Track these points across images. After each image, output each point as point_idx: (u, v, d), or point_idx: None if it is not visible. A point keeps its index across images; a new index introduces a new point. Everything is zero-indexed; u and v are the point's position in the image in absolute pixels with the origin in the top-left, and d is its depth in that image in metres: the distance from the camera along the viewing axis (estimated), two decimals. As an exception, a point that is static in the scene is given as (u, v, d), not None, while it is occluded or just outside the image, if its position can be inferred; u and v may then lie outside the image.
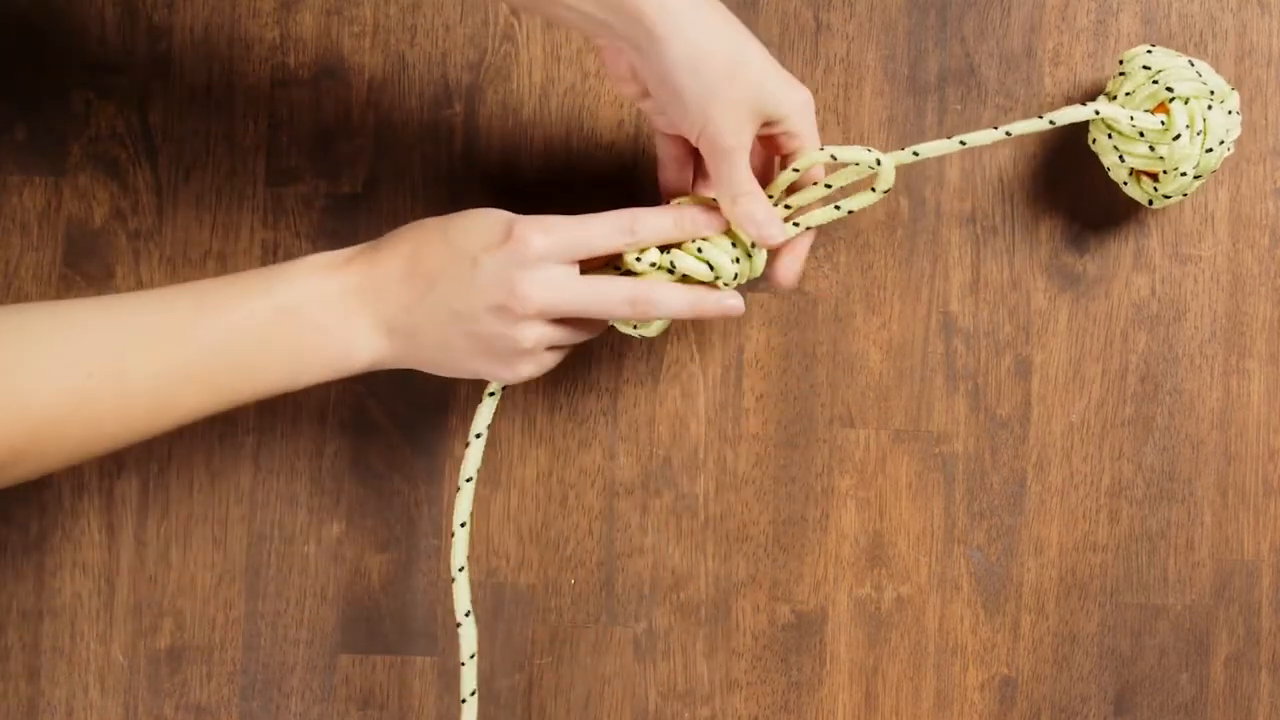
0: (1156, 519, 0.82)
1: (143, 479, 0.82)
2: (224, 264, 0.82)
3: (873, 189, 0.73)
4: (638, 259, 0.71)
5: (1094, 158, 0.81)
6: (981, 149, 0.82)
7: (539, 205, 0.82)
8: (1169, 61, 0.77)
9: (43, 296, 0.81)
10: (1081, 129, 0.81)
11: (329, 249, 0.81)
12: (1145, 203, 0.79)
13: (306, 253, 0.82)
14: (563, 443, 0.82)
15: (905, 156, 0.73)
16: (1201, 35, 0.82)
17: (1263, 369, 0.82)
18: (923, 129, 0.82)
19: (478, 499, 0.82)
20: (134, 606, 0.81)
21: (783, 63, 0.75)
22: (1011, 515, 0.82)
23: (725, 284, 0.72)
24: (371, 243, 0.71)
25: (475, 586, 0.82)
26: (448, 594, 0.81)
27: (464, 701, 0.75)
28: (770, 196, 0.72)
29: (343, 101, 0.82)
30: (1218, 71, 0.82)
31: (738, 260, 0.72)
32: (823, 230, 0.82)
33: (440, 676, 0.82)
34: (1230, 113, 0.77)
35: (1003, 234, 0.82)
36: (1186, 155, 0.76)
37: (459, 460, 0.82)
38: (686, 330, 0.82)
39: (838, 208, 0.74)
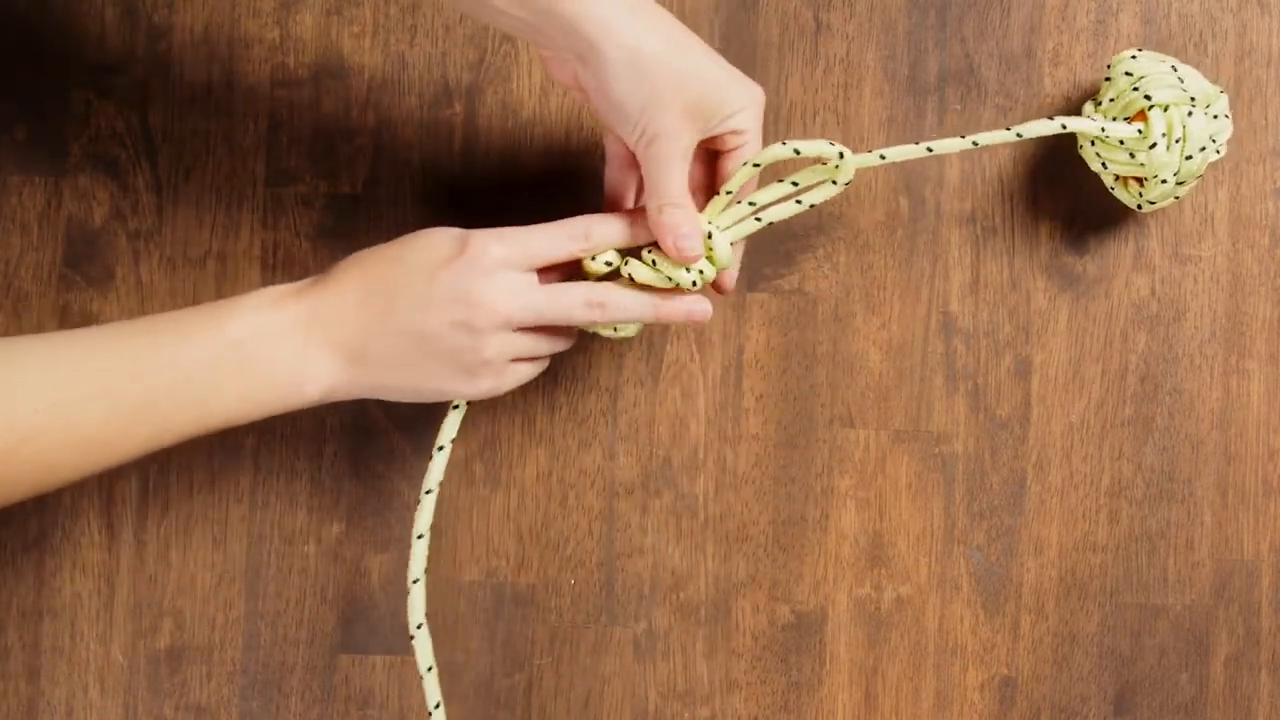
0: (1156, 519, 0.82)
1: (143, 479, 0.82)
2: (224, 264, 0.82)
3: (833, 182, 0.72)
4: (593, 260, 0.71)
5: (1094, 158, 0.81)
6: (982, 149, 0.82)
7: (538, 205, 0.82)
8: (1152, 67, 0.76)
9: (43, 297, 0.81)
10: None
11: (329, 249, 0.82)
12: (1134, 207, 0.79)
13: (306, 253, 0.82)
14: (563, 443, 0.82)
15: (872, 159, 0.73)
16: (1201, 35, 0.82)
17: (1263, 369, 0.82)
18: (923, 129, 0.82)
19: (477, 499, 0.82)
20: (134, 606, 0.81)
21: (782, 63, 0.75)
22: (1011, 515, 0.82)
23: (686, 289, 0.72)
24: (319, 275, 0.70)
25: (475, 586, 0.82)
26: (448, 594, 0.82)
27: (430, 715, 0.74)
28: (729, 192, 0.71)
29: (343, 101, 0.82)
30: (1218, 72, 0.82)
31: (688, 269, 0.71)
32: (823, 230, 0.82)
33: (440, 676, 0.82)
34: (1216, 117, 0.76)
35: (1003, 234, 0.82)
36: (1165, 163, 0.76)
37: (459, 460, 0.82)
38: (686, 330, 0.82)
39: (799, 202, 0.73)
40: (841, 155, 0.71)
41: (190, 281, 0.82)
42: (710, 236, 0.71)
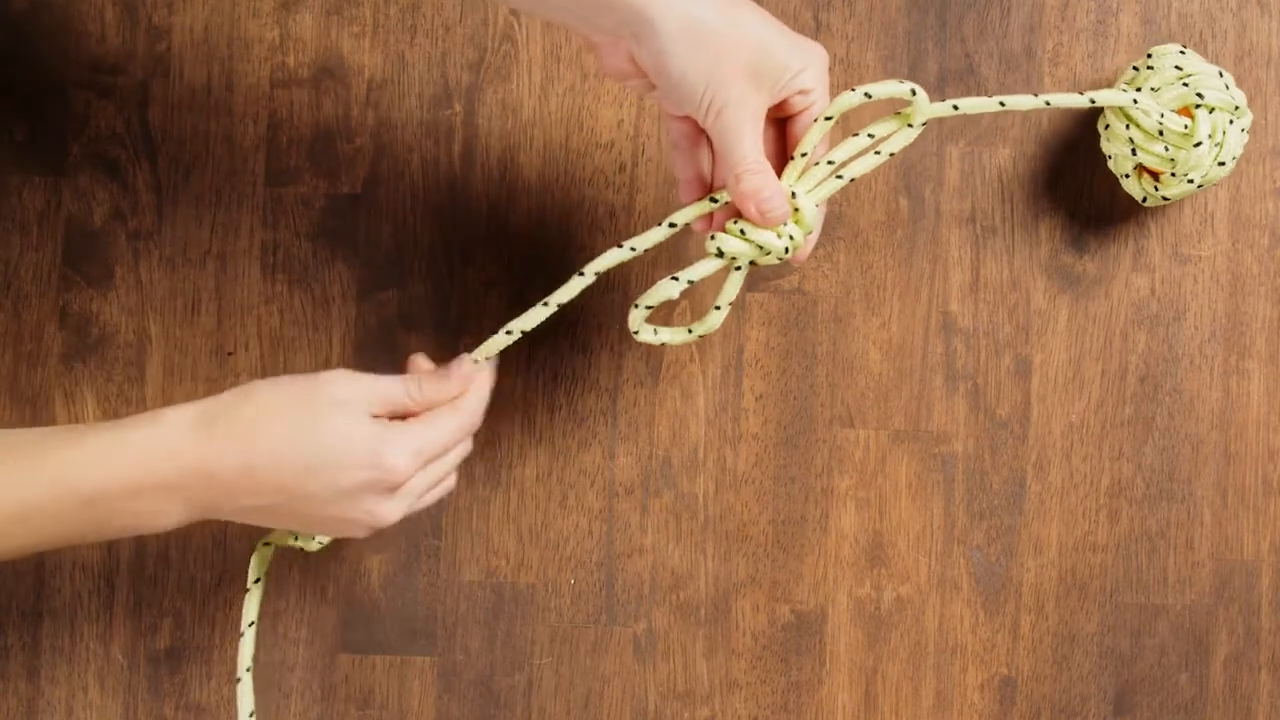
0: (1156, 519, 0.82)
1: (143, 479, 0.82)
2: (224, 264, 0.82)
3: (909, 125, 0.71)
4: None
5: (1094, 158, 0.81)
6: (981, 149, 0.82)
7: (538, 205, 0.82)
8: (1201, 67, 0.77)
9: (43, 296, 0.81)
10: (1086, 123, 0.81)
11: (329, 249, 0.82)
12: (1139, 199, 0.79)
13: (306, 253, 0.82)
14: (563, 443, 0.82)
15: (945, 109, 0.71)
16: (1201, 35, 0.82)
17: (1263, 369, 0.82)
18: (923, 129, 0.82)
19: (477, 499, 0.82)
20: (134, 606, 0.81)
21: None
22: (1011, 515, 0.82)
23: (779, 259, 0.70)
24: (222, 410, 0.66)
25: (475, 586, 0.82)
26: (448, 594, 0.82)
27: None
28: (804, 154, 0.69)
29: (343, 101, 0.82)
30: (1217, 71, 0.82)
31: (779, 235, 0.69)
32: (823, 230, 0.82)
33: (440, 676, 0.82)
34: (1243, 131, 0.77)
35: (1002, 234, 0.82)
36: (1199, 164, 0.76)
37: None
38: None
39: (878, 152, 0.71)
40: (914, 92, 0.70)
41: (190, 281, 0.82)
42: (795, 197, 0.69)
